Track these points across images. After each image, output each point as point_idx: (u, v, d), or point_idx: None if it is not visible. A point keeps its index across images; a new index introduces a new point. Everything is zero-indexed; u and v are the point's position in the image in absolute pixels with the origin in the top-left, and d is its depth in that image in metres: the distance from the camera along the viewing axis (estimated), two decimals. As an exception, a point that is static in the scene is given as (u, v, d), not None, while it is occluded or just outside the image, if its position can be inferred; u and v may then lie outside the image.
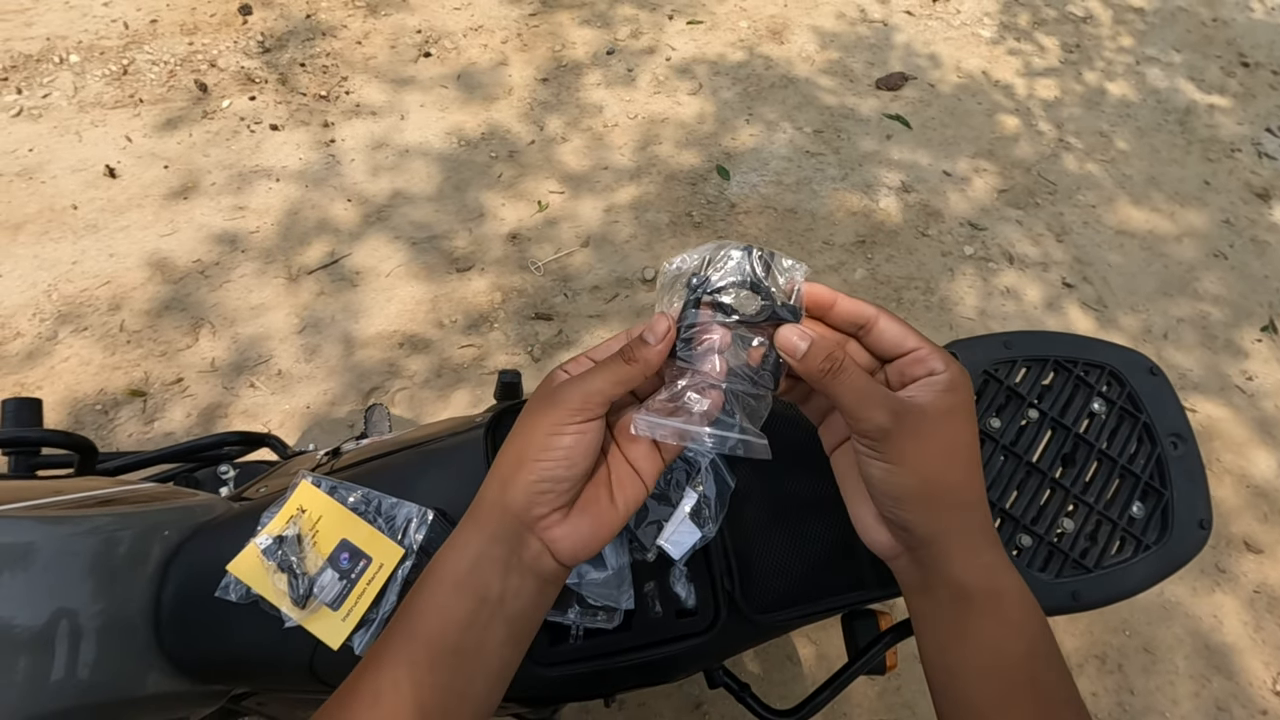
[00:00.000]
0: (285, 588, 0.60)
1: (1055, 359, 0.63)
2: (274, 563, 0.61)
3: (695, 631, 0.54)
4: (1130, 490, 0.60)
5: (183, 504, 0.68)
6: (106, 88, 2.00)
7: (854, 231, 2.00)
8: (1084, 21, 2.59)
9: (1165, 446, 0.61)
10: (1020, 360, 0.62)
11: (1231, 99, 2.43)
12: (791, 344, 0.40)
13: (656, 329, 0.41)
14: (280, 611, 0.59)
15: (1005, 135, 2.26)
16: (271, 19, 2.20)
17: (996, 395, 0.61)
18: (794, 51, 2.37)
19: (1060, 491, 0.59)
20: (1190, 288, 2.02)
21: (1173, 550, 0.59)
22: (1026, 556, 0.58)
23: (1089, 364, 0.63)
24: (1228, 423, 1.81)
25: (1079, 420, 0.61)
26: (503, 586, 0.40)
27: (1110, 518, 0.59)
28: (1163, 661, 1.50)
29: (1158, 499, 0.60)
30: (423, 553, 0.61)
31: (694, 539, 0.55)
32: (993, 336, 0.63)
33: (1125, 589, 0.57)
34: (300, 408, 1.60)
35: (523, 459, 0.40)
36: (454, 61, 2.21)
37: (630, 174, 2.05)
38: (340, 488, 0.65)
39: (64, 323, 1.65)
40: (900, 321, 0.42)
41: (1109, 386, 0.63)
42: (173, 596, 0.61)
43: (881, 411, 0.39)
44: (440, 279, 1.82)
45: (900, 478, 0.40)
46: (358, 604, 0.61)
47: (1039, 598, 0.56)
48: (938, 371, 0.40)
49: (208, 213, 1.84)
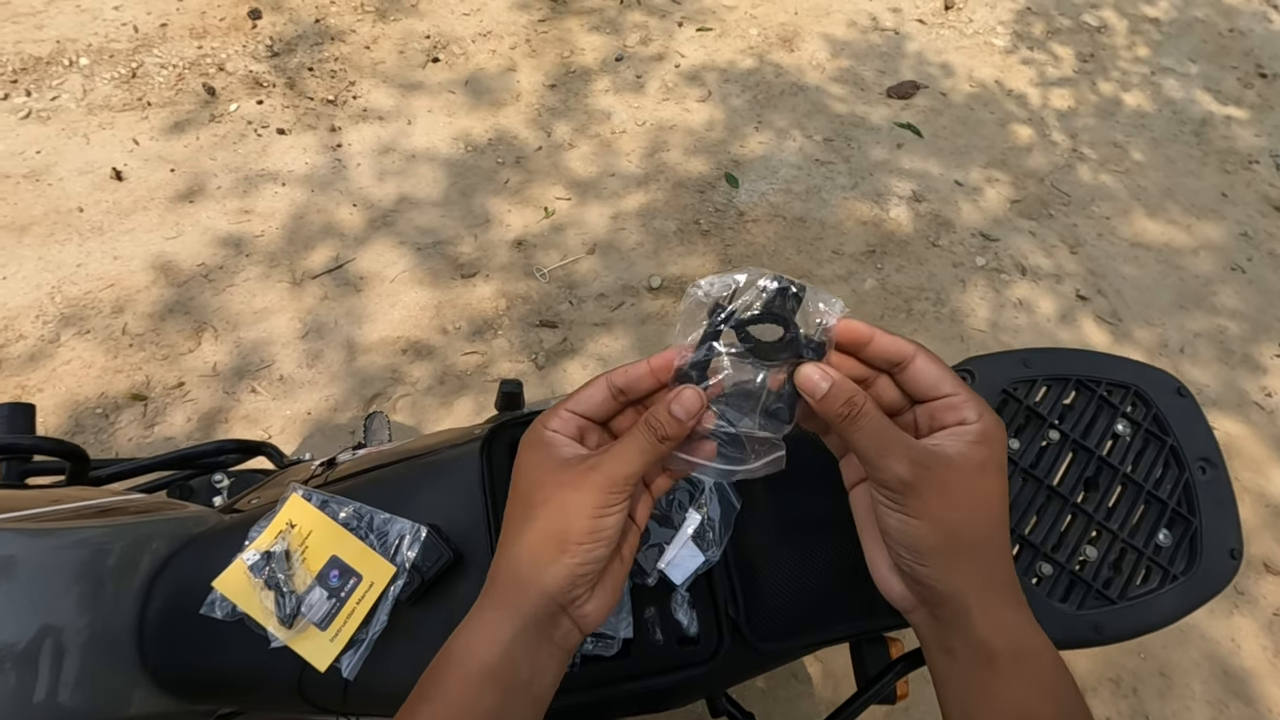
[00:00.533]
0: (272, 606, 0.58)
1: (1077, 378, 0.60)
2: (261, 580, 0.59)
3: (697, 660, 0.51)
4: (1156, 517, 0.57)
5: (171, 516, 0.66)
6: (115, 90, 2.01)
7: (864, 241, 1.98)
8: (1099, 31, 2.56)
9: (1193, 471, 0.58)
10: (1041, 379, 0.60)
11: (1249, 110, 2.40)
12: (812, 384, 0.38)
13: (689, 407, 0.38)
14: (267, 631, 0.57)
15: (1018, 145, 2.23)
16: (280, 23, 2.20)
17: (1016, 415, 0.59)
18: (805, 59, 2.35)
19: (1082, 517, 0.57)
20: (1207, 302, 1.98)
21: (1201, 581, 0.56)
22: (1047, 586, 0.55)
23: (1113, 384, 0.60)
24: (1246, 440, 1.76)
25: (1102, 442, 0.59)
26: (533, 671, 0.39)
27: (1135, 546, 0.56)
28: (1179, 686, 1.46)
29: (1185, 526, 0.57)
30: (414, 571, 0.59)
31: (697, 563, 0.52)
32: (1012, 353, 0.61)
33: (1151, 622, 0.55)
34: (301, 413, 1.59)
35: (565, 543, 0.38)
36: (462, 67, 2.20)
37: (638, 181, 2.03)
38: (332, 502, 0.63)
39: (67, 325, 1.64)
40: (938, 363, 0.40)
41: (1134, 407, 0.60)
42: (158, 613, 0.60)
43: (902, 462, 0.37)
44: (445, 285, 1.80)
45: (919, 531, 0.38)
46: (346, 624, 0.58)
47: (1061, 630, 0.54)
48: (969, 421, 0.38)
49: (213, 216, 1.84)
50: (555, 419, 0.41)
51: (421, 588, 0.58)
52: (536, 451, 0.40)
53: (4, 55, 2.02)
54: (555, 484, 0.38)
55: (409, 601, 0.58)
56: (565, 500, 0.38)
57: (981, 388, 0.59)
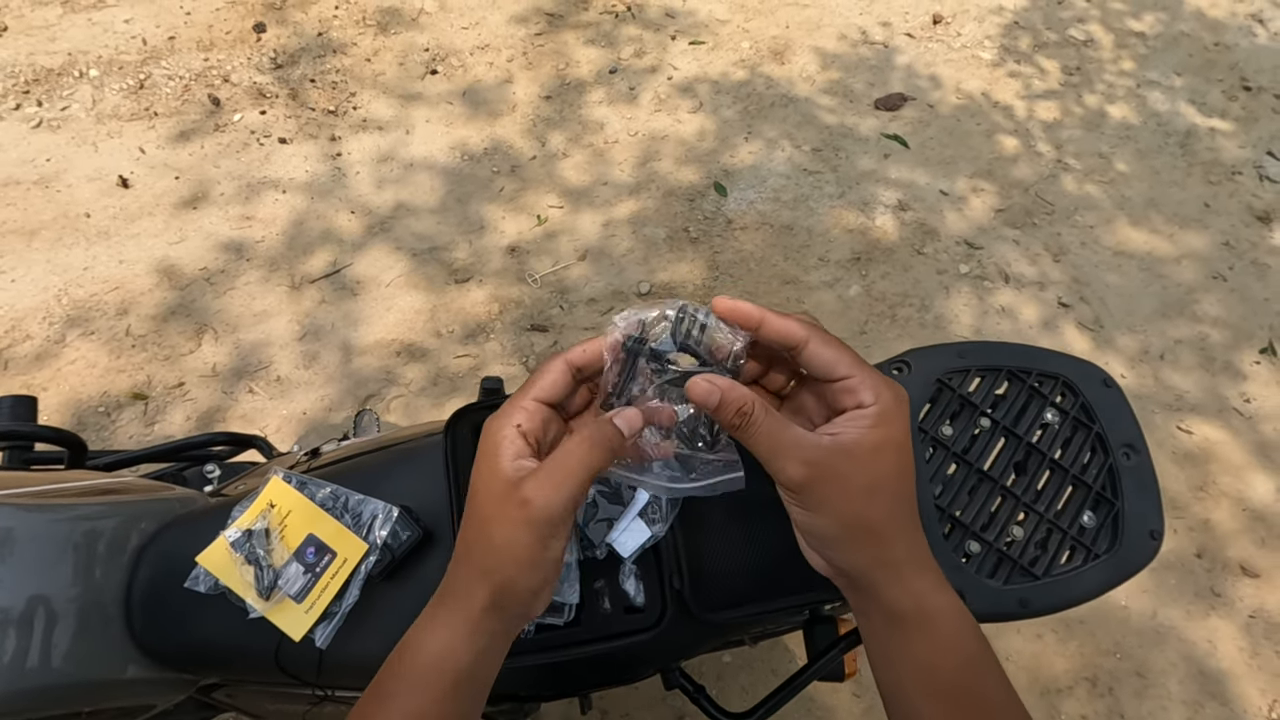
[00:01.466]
0: (251, 580, 0.62)
1: (1009, 369, 0.64)
2: (242, 555, 0.63)
3: (643, 628, 0.55)
4: (1081, 500, 0.61)
5: (160, 497, 0.70)
6: (123, 101, 2.07)
7: (850, 248, 2.02)
8: (1085, 45, 2.61)
9: (1117, 457, 0.62)
10: (974, 369, 0.63)
11: (1233, 122, 2.43)
12: (703, 394, 0.40)
13: (632, 424, 0.41)
14: (246, 603, 0.61)
15: (1004, 156, 2.27)
16: (285, 36, 2.27)
17: (949, 403, 0.62)
18: (795, 71, 2.40)
19: (1011, 500, 0.60)
20: (1189, 309, 2.01)
21: (1123, 560, 0.59)
22: (975, 563, 0.58)
23: (1043, 374, 0.64)
24: (1225, 445, 1.79)
25: (1031, 430, 0.62)
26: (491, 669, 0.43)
27: (1060, 526, 0.60)
28: (1155, 686, 1.48)
29: (1109, 509, 0.60)
30: (385, 548, 0.62)
31: (644, 537, 0.56)
32: (948, 346, 0.64)
33: (1074, 596, 0.58)
34: (297, 413, 1.63)
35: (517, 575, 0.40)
36: (460, 78, 2.26)
37: (629, 189, 2.08)
38: (310, 484, 0.66)
39: (72, 326, 1.69)
40: (834, 345, 0.41)
41: (1062, 397, 0.64)
42: (145, 586, 0.63)
43: (795, 464, 0.39)
44: (439, 289, 1.85)
45: (819, 523, 0.41)
46: (321, 597, 0.62)
47: (987, 604, 0.57)
48: (866, 404, 0.40)
49: (216, 222, 1.89)
50: (518, 412, 0.42)
51: (392, 564, 0.62)
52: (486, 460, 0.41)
53: (17, 66, 2.09)
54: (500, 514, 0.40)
55: (380, 577, 0.62)
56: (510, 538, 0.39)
57: (916, 377, 0.62)
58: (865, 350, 1.83)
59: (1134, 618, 1.55)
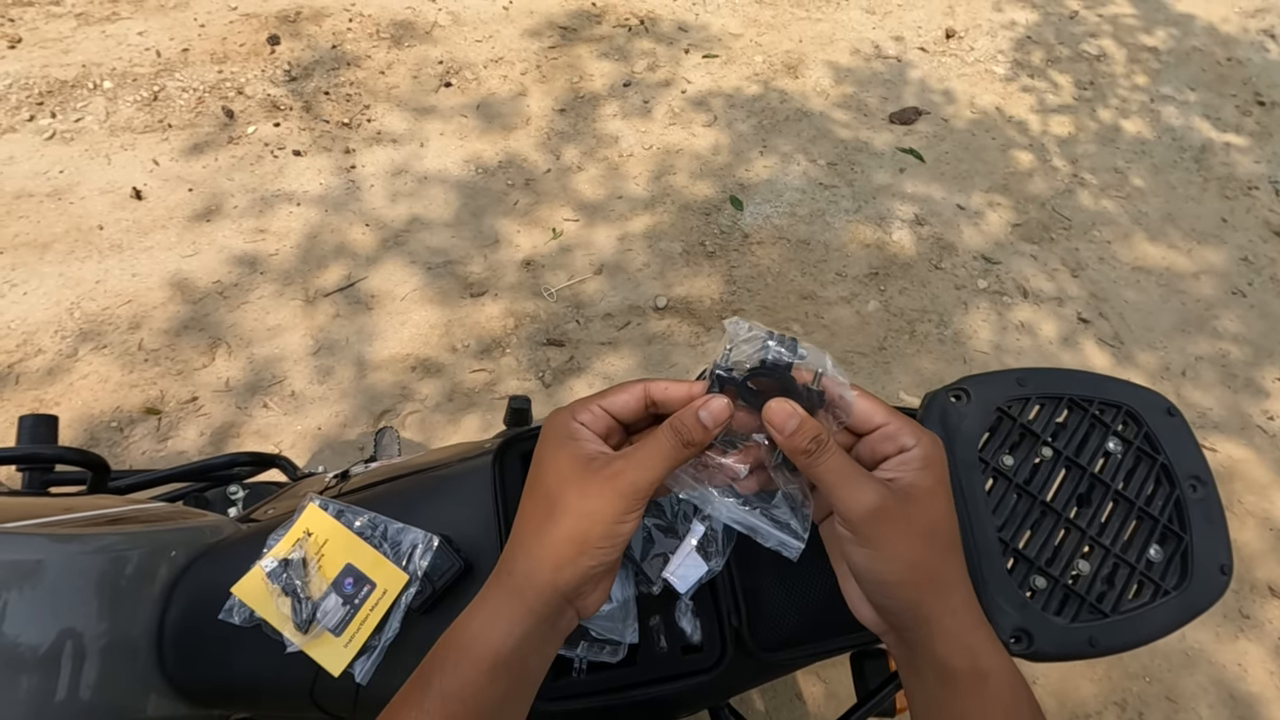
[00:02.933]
0: (289, 612, 0.60)
1: (1070, 397, 0.62)
2: (278, 586, 0.61)
3: (701, 669, 0.53)
4: (1148, 533, 0.59)
5: (191, 524, 0.68)
6: (137, 113, 2.06)
7: (867, 263, 2.01)
8: (1098, 60, 2.61)
9: (1184, 489, 0.60)
10: (1034, 397, 0.61)
11: (1248, 138, 2.43)
12: (781, 419, 0.40)
13: (718, 415, 0.40)
14: (283, 636, 0.59)
15: (1019, 170, 2.26)
16: (299, 49, 2.27)
17: (1010, 433, 0.61)
18: (809, 86, 2.40)
19: (1075, 532, 0.58)
20: (1209, 326, 2.00)
21: (1192, 596, 0.57)
22: (1041, 599, 0.56)
23: (1105, 403, 0.62)
24: (1249, 464, 1.77)
25: (1094, 460, 0.60)
26: (539, 659, 0.41)
27: (1128, 561, 0.58)
28: (1185, 710, 1.45)
29: (1177, 543, 0.58)
30: (426, 580, 0.60)
31: (700, 573, 0.54)
32: (1007, 373, 0.63)
33: (1143, 635, 0.56)
34: (312, 429, 1.61)
35: (585, 546, 0.39)
36: (474, 92, 2.26)
37: (644, 203, 2.07)
38: (347, 511, 0.64)
39: (85, 340, 1.68)
40: (869, 396, 0.42)
41: (1125, 426, 0.62)
42: (177, 619, 0.61)
43: (866, 497, 0.38)
44: (454, 304, 1.83)
45: (883, 564, 0.40)
46: (360, 630, 0.60)
47: (1055, 642, 0.55)
48: (908, 447, 0.40)
49: (229, 235, 1.88)
50: (586, 412, 0.42)
51: (433, 596, 0.60)
52: (562, 446, 0.41)
53: (31, 79, 2.08)
54: (579, 487, 0.39)
55: (420, 609, 0.60)
56: (588, 506, 0.39)
57: (975, 406, 0.61)
58: (885, 366, 1.82)
59: (1162, 641, 1.52)
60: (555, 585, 0.39)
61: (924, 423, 0.61)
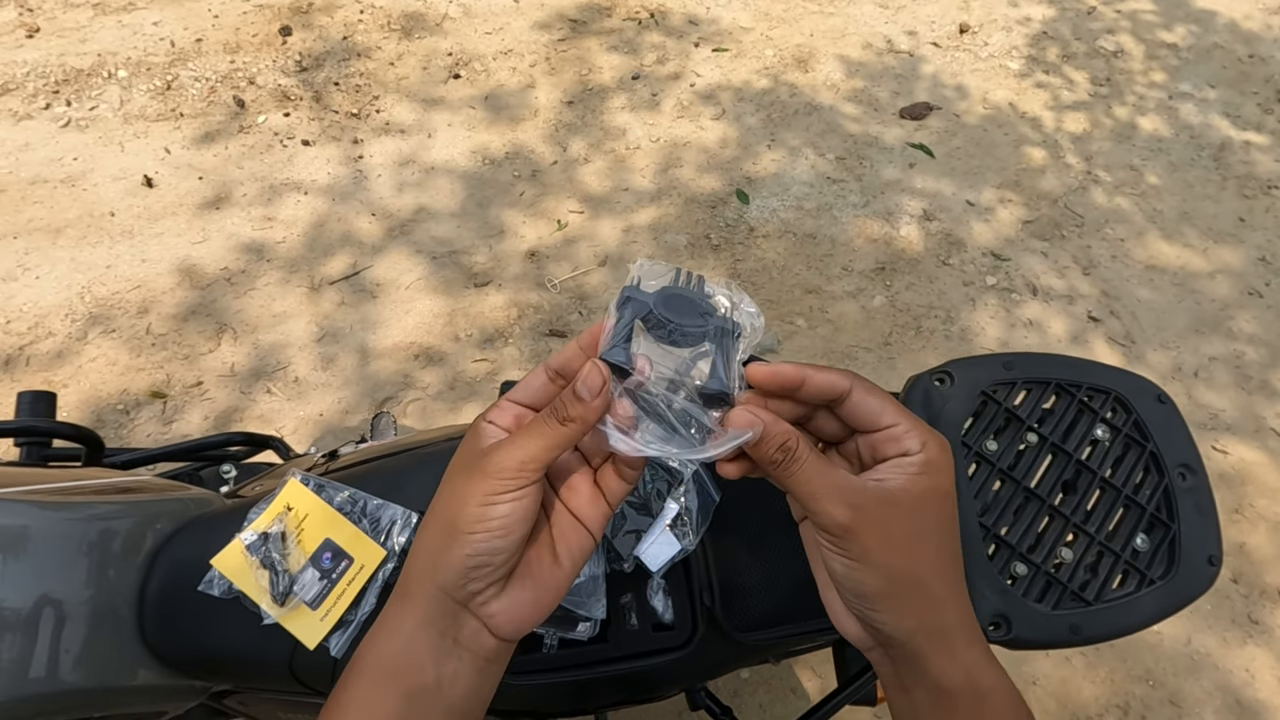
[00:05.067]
0: (266, 584, 0.60)
1: (1058, 381, 0.61)
2: (257, 559, 0.61)
3: (672, 646, 0.53)
4: (1134, 521, 0.57)
5: (176, 496, 0.68)
6: (150, 102, 2.09)
7: (874, 258, 1.99)
8: (1115, 56, 2.57)
9: (1173, 477, 0.59)
10: (1021, 382, 0.60)
11: (1269, 136, 2.38)
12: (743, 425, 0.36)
13: (590, 383, 0.35)
14: (260, 608, 0.59)
15: (1031, 167, 2.23)
16: (310, 40, 2.28)
17: (995, 417, 0.60)
18: (819, 80, 2.38)
19: (1060, 519, 0.57)
20: (1224, 326, 1.96)
21: (1179, 587, 0.56)
22: (1022, 585, 0.55)
23: (1093, 388, 0.61)
24: (1262, 466, 1.73)
25: (1081, 446, 0.59)
26: (438, 673, 0.36)
27: (1113, 549, 0.57)
28: (1189, 716, 1.43)
29: (1164, 532, 0.57)
30: (404, 555, 0.61)
31: (673, 551, 0.53)
32: (993, 356, 0.62)
33: (1127, 624, 0.55)
34: (314, 415, 1.62)
35: (454, 532, 0.35)
36: (483, 83, 2.26)
37: (650, 196, 2.07)
38: (328, 487, 0.65)
39: (94, 324, 1.70)
40: (877, 393, 0.39)
41: (1114, 413, 0.61)
42: (158, 589, 0.62)
43: (840, 507, 0.35)
44: (458, 294, 1.84)
45: (863, 575, 0.37)
46: (336, 604, 0.60)
47: (1036, 630, 0.54)
48: (912, 452, 0.37)
49: (238, 223, 1.90)
50: (495, 410, 0.39)
51: (410, 571, 0.60)
52: (463, 445, 0.38)
53: (48, 67, 2.11)
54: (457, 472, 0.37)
55: (398, 584, 0.60)
56: (456, 488, 0.36)
57: (960, 389, 0.60)
58: (890, 362, 1.80)
59: (1167, 644, 1.50)
60: (435, 580, 0.36)
61: (906, 404, 0.60)
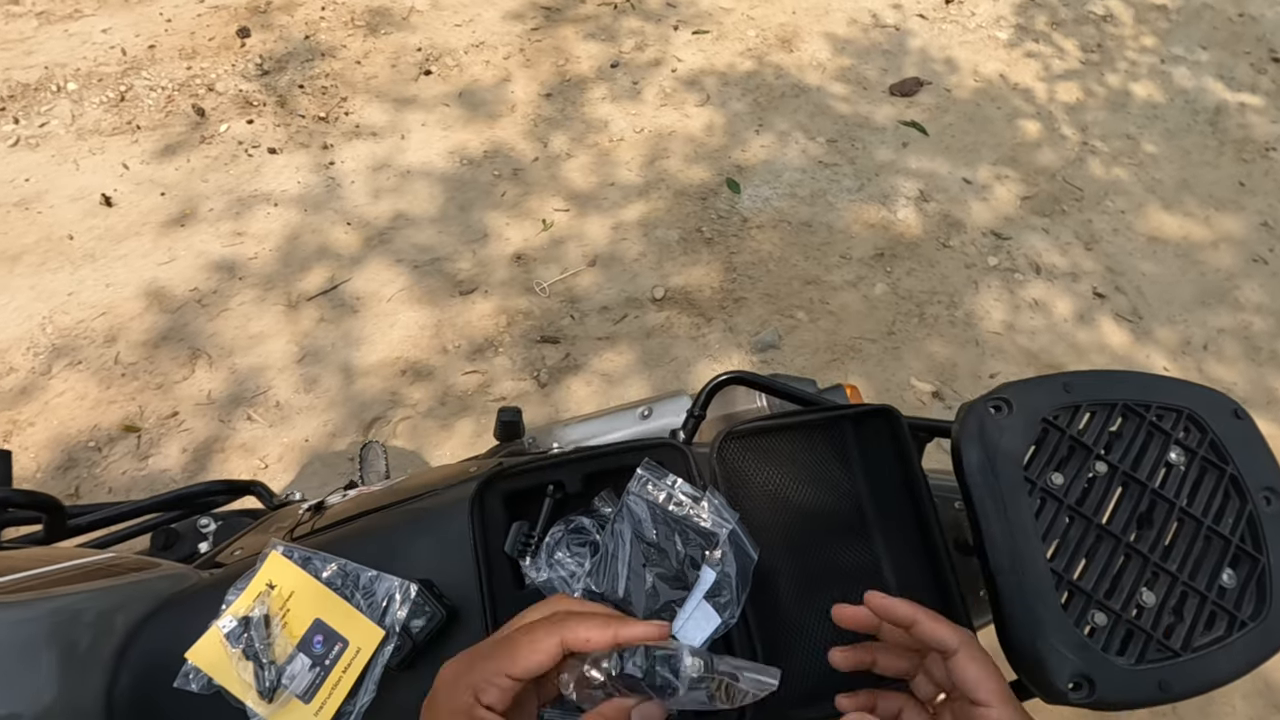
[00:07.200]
0: (250, 678, 0.53)
1: (1124, 402, 0.55)
2: (239, 649, 0.54)
3: (719, 733, 0.46)
4: (1219, 555, 0.52)
5: (144, 577, 0.61)
6: (105, 115, 1.98)
7: (872, 244, 1.93)
8: (1104, 21, 2.50)
9: (1257, 502, 0.53)
10: (1084, 405, 0.54)
11: (1264, 97, 2.33)
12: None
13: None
14: (245, 705, 0.53)
15: (1027, 141, 2.17)
16: (270, 41, 2.17)
17: (1059, 447, 0.53)
18: (805, 59, 2.30)
19: (1137, 558, 0.51)
20: (1230, 296, 1.92)
21: (1274, 625, 0.50)
22: (1101, 638, 0.50)
23: (1163, 407, 0.55)
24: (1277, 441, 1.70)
25: (1155, 473, 0.53)
26: None
27: (1197, 589, 0.51)
28: (1219, 701, 1.40)
29: (1252, 565, 0.52)
30: (404, 633, 0.54)
31: (713, 626, 0.47)
32: (1052, 378, 0.55)
33: (1220, 675, 0.49)
34: (299, 440, 1.54)
35: None
36: (456, 79, 2.17)
37: (638, 190, 1.99)
38: (315, 559, 0.58)
39: (59, 356, 1.60)
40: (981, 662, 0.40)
41: (1187, 433, 0.55)
42: (128, 688, 0.55)
43: None
44: (443, 303, 1.76)
45: None
46: (332, 696, 0.54)
47: (1120, 688, 0.48)
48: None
49: (206, 239, 1.80)
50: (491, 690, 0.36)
51: (413, 651, 0.54)
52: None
53: (-8, 83, 1.99)
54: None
55: (400, 667, 0.54)
56: None
57: (1020, 417, 0.53)
58: (894, 352, 1.74)
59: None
60: None
61: (960, 438, 0.53)
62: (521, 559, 0.51)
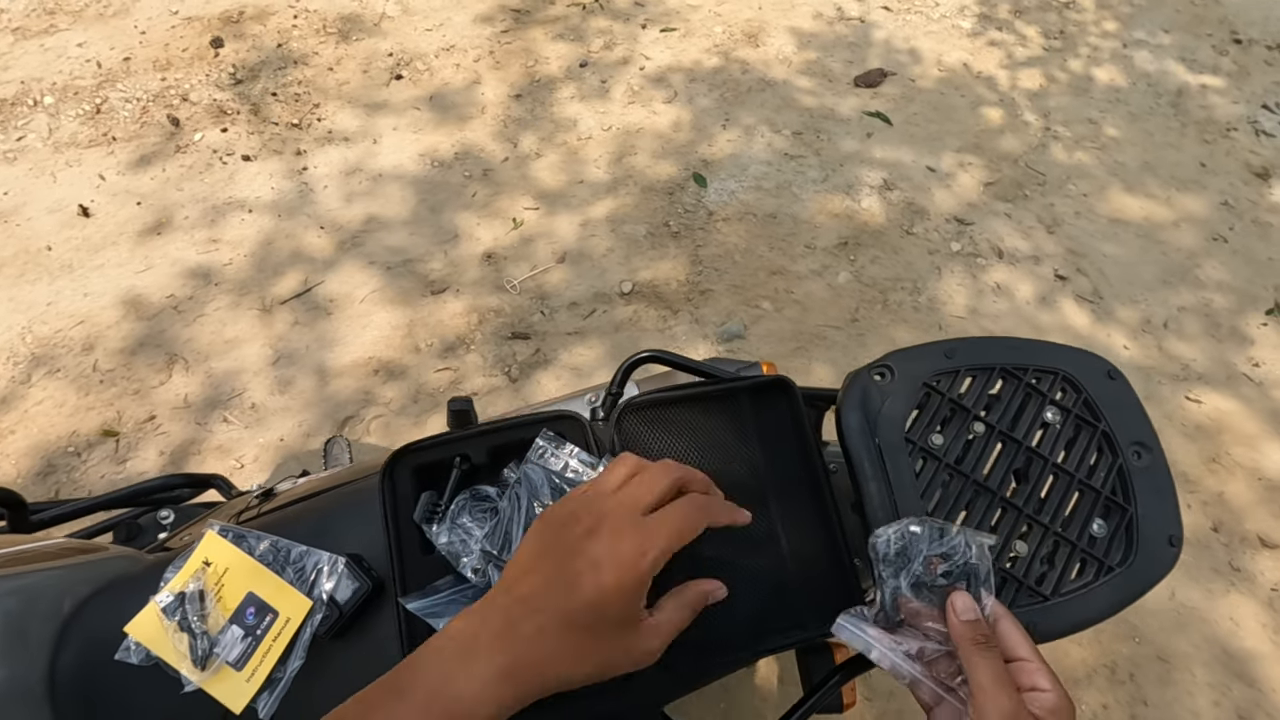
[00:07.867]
0: (185, 649, 0.56)
1: (1002, 366, 0.58)
2: (174, 622, 0.57)
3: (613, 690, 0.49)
4: (1090, 507, 0.55)
5: (88, 560, 0.64)
6: (81, 127, 2.01)
7: (837, 234, 1.96)
8: (1066, 7, 2.54)
9: (1127, 457, 0.56)
10: (964, 369, 0.58)
11: (1225, 78, 2.36)
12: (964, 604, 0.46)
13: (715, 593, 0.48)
14: (180, 674, 0.56)
15: (990, 128, 2.20)
16: (243, 50, 2.20)
17: (939, 409, 0.57)
18: (771, 54, 2.33)
19: (1012, 511, 0.55)
20: (1191, 275, 1.95)
21: (1139, 571, 0.53)
22: (976, 585, 0.53)
23: (1040, 370, 0.58)
24: (1236, 415, 1.73)
25: (1031, 432, 0.57)
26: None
27: (1069, 539, 0.54)
28: (1179, 670, 1.43)
29: (1121, 515, 0.55)
30: (332, 604, 0.57)
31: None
32: (934, 345, 0.59)
33: (1087, 617, 0.52)
34: (274, 441, 1.57)
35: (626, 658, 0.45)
36: (427, 83, 2.20)
37: (606, 187, 2.02)
38: (249, 537, 0.61)
39: (38, 365, 1.64)
40: (1018, 628, 0.46)
41: (1063, 393, 0.58)
42: (71, 662, 0.58)
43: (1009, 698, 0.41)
44: (416, 303, 1.79)
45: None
46: (263, 663, 0.57)
47: (990, 631, 0.51)
48: (1042, 688, 0.42)
49: (181, 247, 1.83)
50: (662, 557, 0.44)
51: (340, 621, 0.57)
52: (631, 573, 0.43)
53: (-31, 100, 2.02)
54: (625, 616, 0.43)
55: (328, 635, 0.57)
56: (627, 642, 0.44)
57: (902, 383, 0.57)
58: (859, 339, 1.78)
59: (1151, 600, 1.49)
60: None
61: (842, 404, 0.57)
62: (428, 525, 0.54)
